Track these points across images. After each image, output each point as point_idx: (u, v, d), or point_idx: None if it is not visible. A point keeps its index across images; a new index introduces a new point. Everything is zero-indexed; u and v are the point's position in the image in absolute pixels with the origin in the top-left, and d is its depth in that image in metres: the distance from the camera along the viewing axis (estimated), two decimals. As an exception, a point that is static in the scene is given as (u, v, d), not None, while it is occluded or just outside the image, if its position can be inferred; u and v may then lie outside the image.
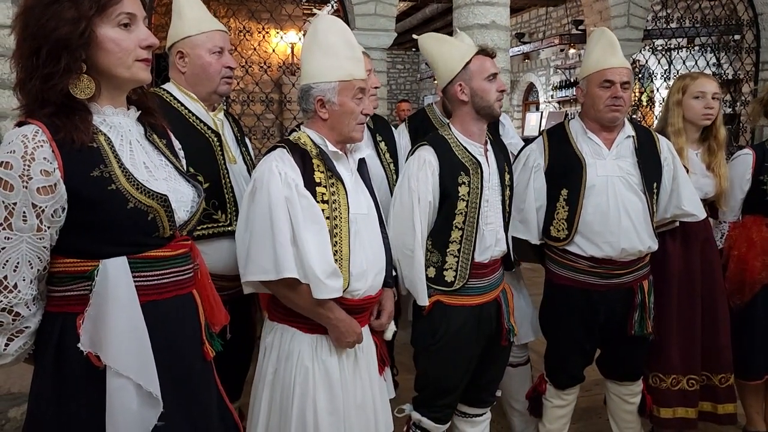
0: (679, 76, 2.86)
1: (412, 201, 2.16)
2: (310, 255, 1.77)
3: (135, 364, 1.31)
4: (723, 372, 2.74)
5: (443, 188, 2.18)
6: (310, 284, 1.79)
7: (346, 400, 1.88)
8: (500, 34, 4.31)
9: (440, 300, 2.21)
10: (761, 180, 2.77)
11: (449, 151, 2.21)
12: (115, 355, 1.30)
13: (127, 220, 1.34)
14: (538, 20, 12.16)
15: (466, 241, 2.20)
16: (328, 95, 1.88)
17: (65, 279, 1.35)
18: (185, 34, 2.09)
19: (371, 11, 5.04)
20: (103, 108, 1.39)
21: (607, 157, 2.47)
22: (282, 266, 1.76)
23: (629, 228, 2.40)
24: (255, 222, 1.81)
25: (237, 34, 5.81)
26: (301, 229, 1.78)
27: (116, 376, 1.30)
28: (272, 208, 1.78)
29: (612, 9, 5.54)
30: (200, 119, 2.11)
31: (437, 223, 2.21)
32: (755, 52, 6.10)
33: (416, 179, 2.16)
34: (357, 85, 1.88)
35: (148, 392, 1.32)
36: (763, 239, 2.75)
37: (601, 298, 2.48)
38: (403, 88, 16.20)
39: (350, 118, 1.89)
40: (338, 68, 1.87)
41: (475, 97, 2.20)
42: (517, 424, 3.00)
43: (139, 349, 1.33)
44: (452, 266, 2.21)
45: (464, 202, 2.19)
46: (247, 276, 1.84)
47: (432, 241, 2.22)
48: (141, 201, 1.35)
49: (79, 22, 1.28)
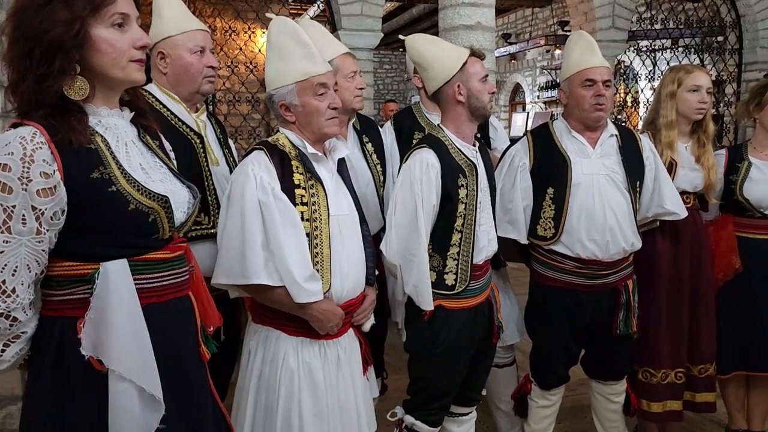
0: (672, 68, 2.84)
1: (416, 204, 2.12)
2: (287, 259, 1.77)
3: (137, 368, 1.31)
4: (702, 363, 2.77)
5: (445, 191, 2.16)
6: (289, 289, 1.78)
7: (330, 401, 1.88)
8: (486, 35, 4.32)
9: (441, 305, 2.19)
10: (731, 179, 2.81)
11: (447, 153, 2.20)
12: (117, 359, 1.29)
13: (128, 222, 1.33)
14: (524, 21, 12.21)
15: (465, 244, 2.19)
16: (288, 98, 1.88)
17: (64, 283, 1.33)
18: (165, 35, 2.06)
19: (357, 11, 5.04)
20: (98, 109, 1.37)
21: (592, 155, 2.48)
22: (250, 271, 1.76)
23: (615, 226, 2.41)
24: (228, 226, 1.81)
25: (223, 34, 5.80)
26: (278, 233, 1.77)
27: (119, 379, 1.29)
28: (244, 212, 1.77)
29: (597, 10, 5.59)
30: (182, 121, 2.09)
31: (438, 226, 2.19)
32: (738, 53, 6.18)
33: (419, 182, 2.12)
34: (316, 82, 1.87)
35: (150, 395, 1.32)
36: (729, 237, 2.80)
37: (587, 299, 2.49)
38: (390, 89, 16.19)
39: (317, 116, 1.88)
40: (293, 70, 1.87)
41: (471, 98, 2.20)
42: (502, 424, 3.01)
43: (141, 352, 1.32)
44: (452, 269, 2.19)
45: (463, 205, 2.18)
46: (216, 279, 1.83)
47: (432, 245, 2.19)
48: (142, 202, 1.34)
49: (72, 23, 1.26)
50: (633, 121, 7.72)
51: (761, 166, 2.79)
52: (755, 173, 2.78)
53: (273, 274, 1.78)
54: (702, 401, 2.81)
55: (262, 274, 1.77)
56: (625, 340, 2.56)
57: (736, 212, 2.84)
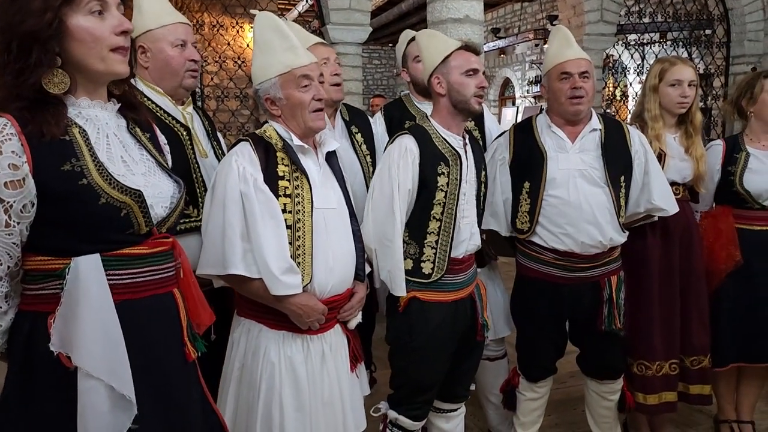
0: (658, 60, 2.85)
1: (392, 188, 2.13)
2: (265, 251, 1.77)
3: (107, 365, 1.28)
4: (695, 355, 2.78)
5: (422, 177, 2.17)
6: (266, 281, 1.78)
7: (312, 396, 1.87)
8: (474, 28, 4.31)
9: (416, 296, 2.19)
10: (729, 170, 2.81)
11: (430, 141, 2.21)
12: (85, 356, 1.26)
13: (100, 216, 1.30)
14: (513, 15, 12.21)
15: (444, 233, 2.20)
16: (272, 92, 1.89)
17: (38, 277, 1.32)
18: (145, 28, 2.04)
19: (346, 5, 5.02)
20: (78, 100, 1.36)
21: (570, 150, 2.48)
22: (228, 262, 1.77)
23: (590, 221, 2.41)
24: (210, 216, 1.82)
25: (211, 29, 5.75)
26: (257, 224, 1.77)
27: (87, 377, 1.27)
28: (226, 203, 1.78)
29: (585, 4, 5.59)
30: (168, 113, 2.07)
31: (415, 213, 2.20)
32: (725, 46, 6.20)
33: (397, 166, 2.14)
34: (298, 74, 1.87)
35: (121, 394, 1.29)
36: (729, 229, 2.79)
37: (567, 291, 2.49)
38: (380, 84, 16.15)
39: (301, 109, 1.89)
40: (276, 63, 1.88)
41: (451, 91, 2.21)
42: (492, 417, 3.02)
43: (112, 349, 1.29)
44: (430, 258, 2.20)
45: (443, 193, 2.19)
46: (198, 269, 1.84)
47: (409, 233, 2.21)
48: (113, 196, 1.31)
49: (45, 12, 1.24)
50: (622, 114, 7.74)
51: (760, 156, 2.79)
52: (754, 163, 2.78)
53: (251, 266, 1.78)
54: (696, 393, 2.82)
55: (240, 266, 1.78)
56: (614, 337, 2.55)
57: (734, 204, 2.83)
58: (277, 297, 1.80)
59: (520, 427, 2.74)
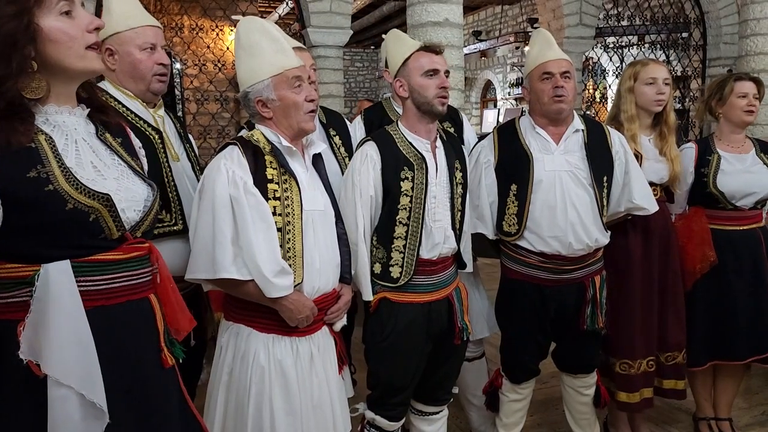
0: (630, 63, 2.89)
1: (354, 196, 2.15)
2: (257, 254, 1.76)
3: (78, 373, 1.25)
4: (669, 351, 2.82)
5: (385, 183, 2.18)
6: (259, 284, 1.78)
7: (303, 399, 1.86)
8: (454, 31, 4.33)
9: (387, 297, 2.20)
10: (702, 172, 2.84)
11: (393, 146, 2.21)
12: (55, 364, 1.23)
13: (68, 222, 1.28)
14: (494, 18, 12.29)
15: (412, 237, 2.20)
16: (265, 94, 1.88)
17: (8, 285, 1.29)
18: (113, 30, 2.00)
19: (326, 9, 5.03)
20: (44, 107, 1.33)
21: (555, 151, 2.49)
22: (219, 266, 1.76)
23: (576, 222, 2.42)
24: (200, 220, 1.81)
25: (190, 32, 5.73)
26: (248, 227, 1.77)
27: (57, 385, 1.24)
28: (215, 207, 1.77)
29: (565, 7, 5.65)
30: (139, 116, 2.04)
31: (381, 218, 2.21)
32: (702, 49, 6.29)
33: (358, 173, 2.17)
34: (291, 75, 1.87)
35: (92, 402, 1.26)
36: (702, 230, 2.83)
37: (553, 293, 2.51)
38: (362, 86, 16.16)
39: (295, 110, 1.89)
40: (267, 65, 1.87)
41: (413, 93, 2.21)
42: (474, 418, 3.02)
43: (83, 356, 1.26)
44: (398, 262, 2.20)
45: (408, 198, 2.19)
46: (188, 273, 1.83)
47: (377, 237, 2.21)
48: (81, 201, 1.29)
49: (20, 15, 1.23)
50: (601, 116, 7.82)
51: (730, 158, 2.83)
52: (726, 165, 2.82)
53: (242, 269, 1.78)
54: (669, 388, 2.87)
55: (231, 269, 1.77)
56: (594, 335, 2.58)
57: (707, 205, 2.86)
58: (270, 299, 1.80)
59: (502, 428, 2.75)
